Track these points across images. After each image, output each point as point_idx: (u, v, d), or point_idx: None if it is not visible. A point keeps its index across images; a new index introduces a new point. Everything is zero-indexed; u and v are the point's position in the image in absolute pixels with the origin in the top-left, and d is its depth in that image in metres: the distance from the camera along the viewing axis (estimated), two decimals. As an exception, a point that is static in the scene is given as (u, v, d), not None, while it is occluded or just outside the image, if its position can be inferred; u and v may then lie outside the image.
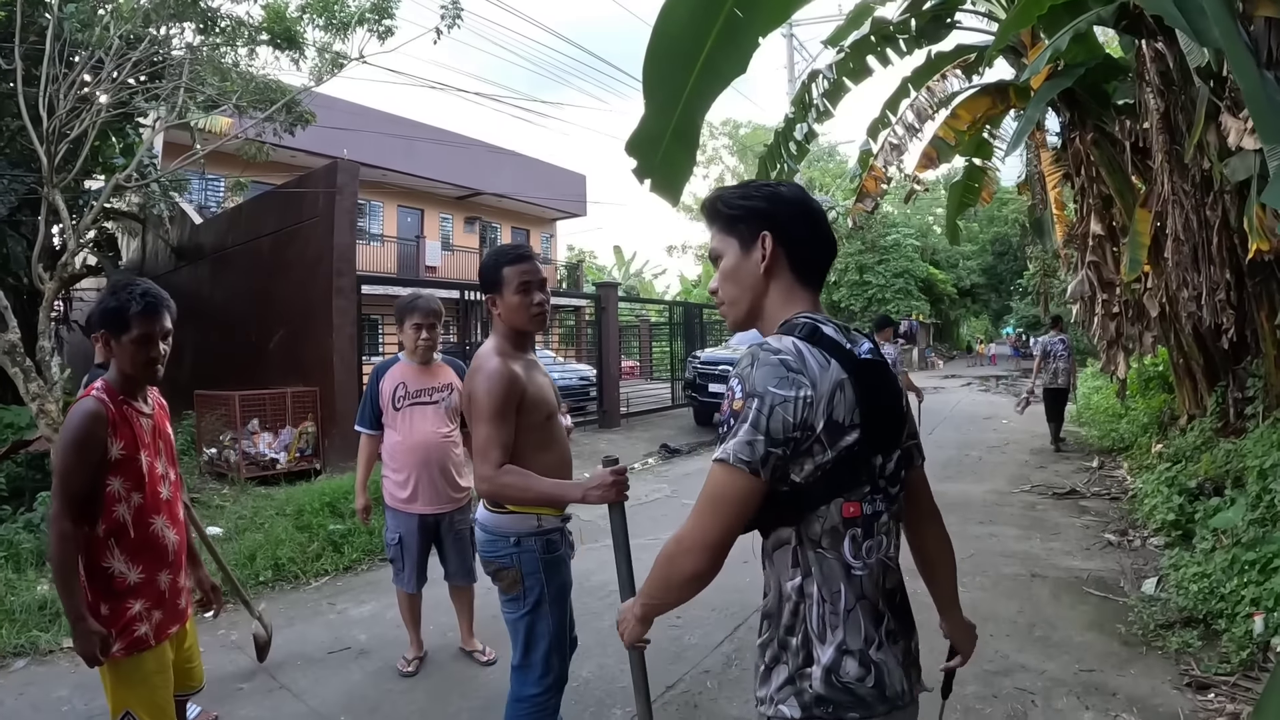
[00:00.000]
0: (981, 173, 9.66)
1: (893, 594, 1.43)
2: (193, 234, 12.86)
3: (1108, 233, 6.95)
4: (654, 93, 3.30)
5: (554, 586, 2.45)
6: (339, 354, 9.11)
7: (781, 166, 8.54)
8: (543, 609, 2.44)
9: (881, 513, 1.38)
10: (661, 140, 3.40)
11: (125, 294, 2.21)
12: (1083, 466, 8.78)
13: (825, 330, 1.37)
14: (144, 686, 2.22)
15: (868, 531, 1.36)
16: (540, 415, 2.43)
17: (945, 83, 8.35)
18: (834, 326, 1.40)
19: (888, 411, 1.38)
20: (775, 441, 1.28)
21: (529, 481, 2.26)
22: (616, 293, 14.55)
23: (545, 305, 2.47)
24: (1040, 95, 6.17)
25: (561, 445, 2.55)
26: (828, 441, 1.29)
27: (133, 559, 2.21)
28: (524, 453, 2.38)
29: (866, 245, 30.95)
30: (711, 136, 42.43)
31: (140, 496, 2.22)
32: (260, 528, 6.12)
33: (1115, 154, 6.55)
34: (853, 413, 1.30)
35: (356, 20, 9.22)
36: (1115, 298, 7.18)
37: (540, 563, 2.43)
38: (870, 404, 1.32)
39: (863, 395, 1.31)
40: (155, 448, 2.31)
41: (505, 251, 2.48)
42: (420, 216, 23.76)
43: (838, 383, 1.30)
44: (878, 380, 1.36)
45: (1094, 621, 4.19)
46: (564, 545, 2.53)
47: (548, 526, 2.44)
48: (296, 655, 4.15)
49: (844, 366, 1.32)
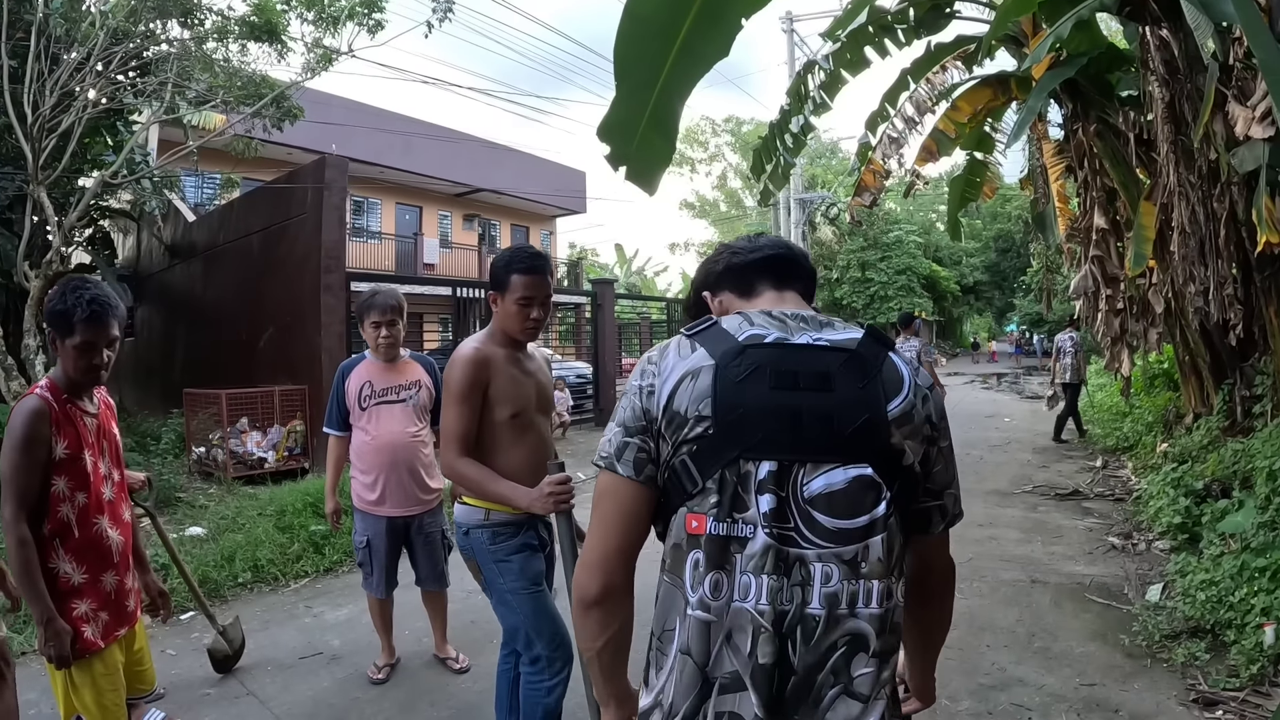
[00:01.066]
0: (983, 167, 9.48)
1: (767, 674, 1.05)
2: (186, 231, 12.76)
3: (1112, 227, 6.77)
4: (626, 76, 3.12)
5: (511, 575, 2.47)
6: (328, 352, 8.97)
7: (777, 160, 8.37)
8: (506, 598, 2.49)
9: (746, 538, 1.07)
10: (637, 127, 3.21)
11: (73, 298, 2.15)
12: (1086, 466, 8.60)
13: (723, 323, 1.19)
14: (92, 689, 2.21)
15: (716, 559, 1.08)
16: (507, 411, 2.46)
17: (945, 74, 8.17)
18: (764, 320, 1.18)
19: (752, 405, 1.09)
20: (629, 430, 1.15)
21: (483, 478, 2.37)
22: (613, 290, 14.40)
23: (540, 322, 2.52)
24: (1041, 86, 6.00)
25: (532, 446, 2.53)
26: (669, 435, 1.12)
27: (77, 560, 2.20)
28: (489, 447, 2.45)
29: (868, 242, 30.72)
30: (714, 134, 42.32)
31: (85, 496, 2.20)
32: (241, 528, 5.99)
33: (1119, 146, 6.38)
34: (700, 402, 1.10)
35: (346, 14, 9.09)
36: (1119, 293, 6.99)
37: (490, 553, 2.48)
38: (730, 393, 1.09)
39: (721, 386, 1.10)
40: (99, 448, 2.29)
41: (520, 259, 2.49)
42: (419, 214, 23.64)
43: (690, 371, 1.13)
44: (764, 371, 1.10)
45: (1097, 631, 4.00)
46: (523, 537, 2.51)
47: (496, 520, 2.47)
48: (268, 660, 4.05)
49: (715, 353, 1.12)
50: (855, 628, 1.07)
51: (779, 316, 1.19)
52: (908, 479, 1.13)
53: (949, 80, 8.16)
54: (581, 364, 14.10)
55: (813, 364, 1.12)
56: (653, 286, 39.22)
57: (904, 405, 1.12)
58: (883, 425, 1.10)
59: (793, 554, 1.06)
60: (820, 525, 1.07)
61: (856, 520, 1.08)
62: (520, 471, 2.40)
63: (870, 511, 1.08)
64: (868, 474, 1.08)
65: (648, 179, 3.36)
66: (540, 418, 2.59)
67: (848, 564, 1.07)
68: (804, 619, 1.06)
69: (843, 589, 1.06)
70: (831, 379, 1.11)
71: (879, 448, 1.09)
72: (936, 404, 1.18)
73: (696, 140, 42.33)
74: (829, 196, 27.48)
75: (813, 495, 1.07)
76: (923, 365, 10.25)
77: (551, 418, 2.77)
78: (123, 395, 14.96)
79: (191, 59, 8.46)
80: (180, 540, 5.59)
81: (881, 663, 1.08)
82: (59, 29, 6.88)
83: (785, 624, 1.05)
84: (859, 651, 1.07)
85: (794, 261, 1.34)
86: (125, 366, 15.28)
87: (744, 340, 1.13)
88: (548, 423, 2.66)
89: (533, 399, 2.54)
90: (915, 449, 1.12)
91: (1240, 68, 4.33)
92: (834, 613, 1.06)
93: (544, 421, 2.62)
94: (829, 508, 1.07)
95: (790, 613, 1.05)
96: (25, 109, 6.65)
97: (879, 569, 1.08)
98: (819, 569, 1.06)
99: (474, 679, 3.69)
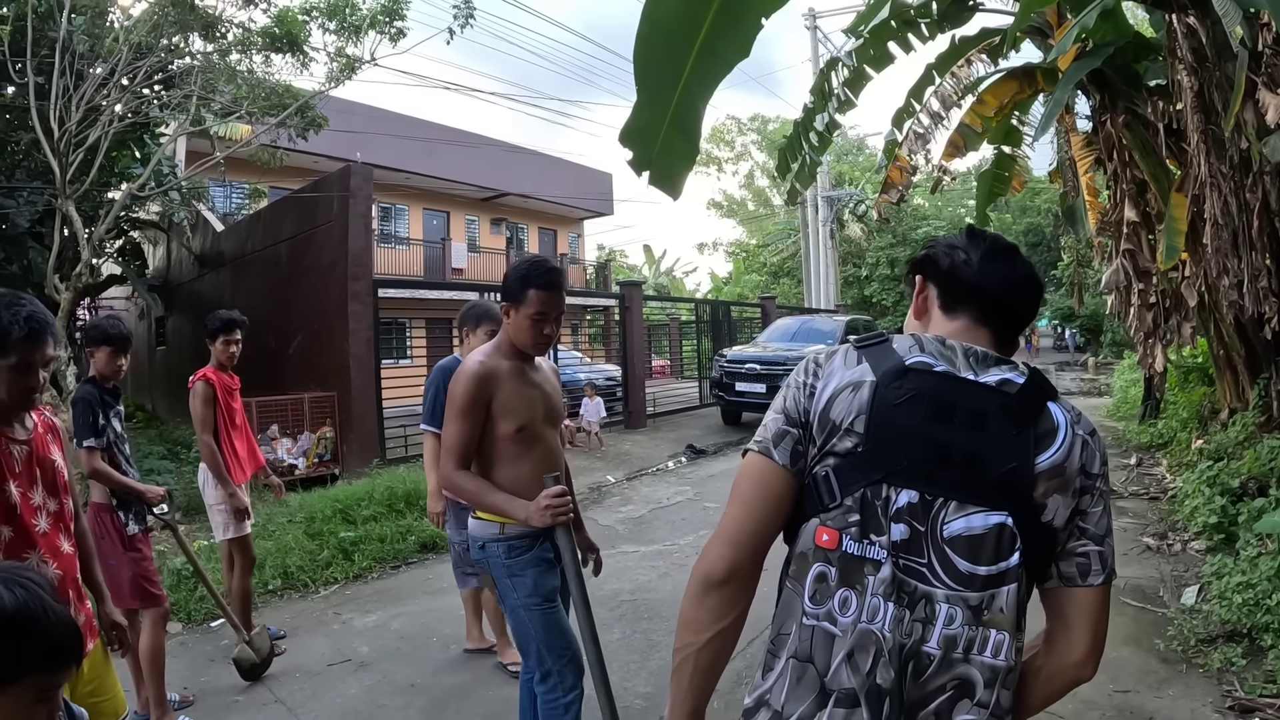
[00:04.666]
0: (1011, 161, 9.33)
1: (895, 692, 1.05)
2: (215, 241, 12.96)
3: (1143, 219, 6.63)
4: (646, 79, 3.12)
5: (525, 590, 2.45)
6: (355, 359, 9.06)
7: (803, 158, 8.29)
8: (519, 612, 2.48)
9: (878, 561, 1.07)
10: (659, 130, 3.21)
11: (9, 314, 1.96)
12: (1120, 464, 8.44)
13: (893, 342, 1.18)
14: None
15: (846, 577, 1.08)
16: (512, 425, 2.44)
17: (970, 68, 8.05)
18: (933, 347, 1.16)
19: (906, 430, 1.08)
20: (790, 420, 1.15)
21: (480, 490, 2.40)
22: (641, 291, 14.40)
23: (551, 338, 2.50)
24: (1068, 77, 5.90)
25: (539, 459, 2.50)
26: (818, 438, 1.12)
27: None
28: (491, 461, 2.45)
29: (897, 239, 30.41)
30: (740, 133, 42.11)
31: (9, 530, 2.01)
32: (271, 535, 6.05)
33: (1148, 136, 6.25)
34: (855, 417, 1.10)
35: (368, 23, 9.17)
36: (1151, 287, 6.85)
37: (505, 568, 2.46)
38: (886, 413, 1.09)
39: (878, 405, 1.09)
40: (29, 477, 2.10)
41: (536, 273, 2.45)
42: (446, 219, 23.79)
43: (852, 382, 1.13)
44: (923, 399, 1.09)
45: (1131, 635, 3.91)
46: (538, 551, 2.48)
47: (511, 534, 2.45)
48: (296, 667, 4.10)
49: (878, 370, 1.12)
50: (966, 674, 1.07)
51: (951, 347, 1.16)
52: (1044, 534, 1.10)
53: (974, 74, 8.04)
54: (611, 366, 14.09)
55: (971, 400, 1.10)
56: (682, 287, 39.16)
57: (1055, 458, 1.09)
58: (1028, 477, 1.08)
59: (920, 589, 1.07)
60: (954, 567, 1.07)
61: (991, 568, 1.07)
62: (527, 485, 2.39)
63: (1005, 560, 1.07)
64: (1008, 523, 1.07)
65: (671, 183, 3.35)
66: (548, 430, 2.56)
67: (973, 609, 1.06)
68: (919, 655, 1.06)
69: (962, 633, 1.06)
70: (987, 419, 1.09)
71: (1021, 498, 1.08)
72: (1096, 451, 1.14)
73: (723, 140, 42.17)
74: (857, 194, 27.22)
75: (952, 536, 1.07)
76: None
77: (561, 429, 2.72)
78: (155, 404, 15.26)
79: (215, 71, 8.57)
80: (212, 548, 5.66)
81: (985, 714, 1.07)
82: (82, 45, 7.00)
83: (903, 655, 1.05)
84: (964, 698, 1.06)
85: (1008, 308, 1.23)
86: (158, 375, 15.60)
87: (910, 364, 1.12)
88: (556, 435, 2.64)
89: (539, 412, 2.52)
90: (1064, 502, 1.10)
91: (1270, 54, 4.23)
92: (949, 655, 1.06)
93: (552, 434, 2.59)
94: (967, 551, 1.07)
95: (908, 646, 1.06)
96: (52, 124, 6.77)
97: (1002, 620, 1.07)
98: (944, 609, 1.06)
99: (501, 685, 3.70)
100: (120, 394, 3.71)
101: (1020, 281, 1.23)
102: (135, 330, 16.87)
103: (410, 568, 5.86)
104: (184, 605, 4.92)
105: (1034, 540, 1.08)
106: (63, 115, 6.86)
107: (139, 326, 16.58)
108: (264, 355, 10.61)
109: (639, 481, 9.08)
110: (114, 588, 3.49)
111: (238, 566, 4.26)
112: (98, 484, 3.44)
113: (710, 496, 7.77)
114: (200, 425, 4.14)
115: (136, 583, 3.44)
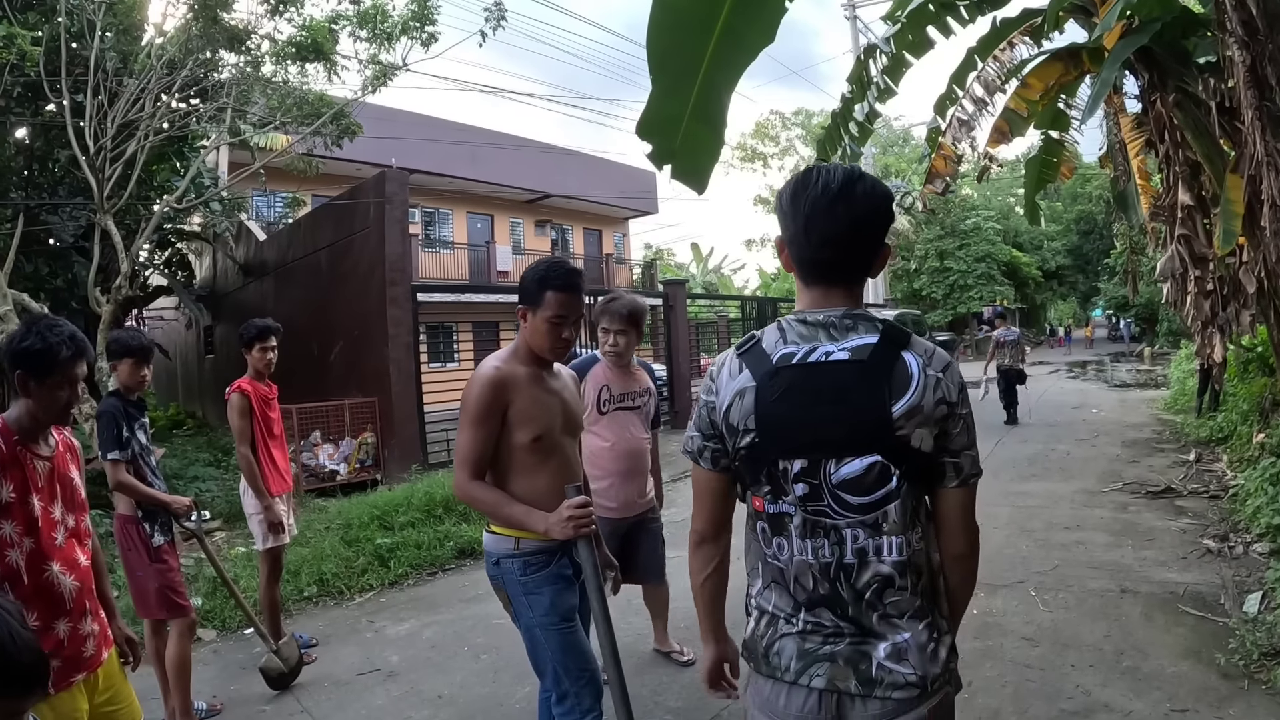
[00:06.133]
0: (1059, 146, 9.00)
1: (832, 595, 1.43)
2: (258, 251, 13.18)
3: (1197, 203, 6.31)
4: (664, 68, 2.95)
5: (541, 609, 2.36)
6: (395, 364, 9.11)
7: (843, 149, 8.09)
8: (535, 632, 2.39)
9: (789, 515, 1.43)
10: (680, 121, 3.05)
11: (54, 335, 2.12)
12: (1178, 460, 8.08)
13: (762, 341, 1.48)
14: None
15: (775, 529, 1.46)
16: (529, 434, 2.34)
17: (1013, 51, 7.77)
18: (797, 331, 1.45)
19: (782, 423, 1.41)
20: (705, 435, 1.53)
21: (498, 501, 2.30)
22: (685, 290, 14.26)
23: (570, 343, 2.42)
24: (1114, 56, 5.62)
25: (557, 470, 2.40)
26: (729, 439, 1.48)
27: (27, 607, 2.08)
28: (510, 471, 2.36)
29: (945, 230, 29.75)
30: (784, 127, 41.65)
31: (33, 542, 2.12)
32: (308, 542, 6.09)
33: (1200, 116, 5.94)
34: (747, 418, 1.44)
35: (400, 29, 9.21)
36: (1209, 274, 6.51)
37: (520, 585, 2.37)
38: (764, 413, 1.42)
39: (760, 403, 1.42)
40: (51, 492, 2.21)
41: (555, 275, 2.37)
42: (490, 222, 23.93)
43: (739, 391, 1.45)
44: (790, 388, 1.41)
45: (1190, 648, 3.66)
46: (556, 567, 2.38)
47: (527, 549, 2.35)
48: (325, 676, 4.10)
49: (756, 375, 1.44)
50: (880, 569, 1.40)
51: (813, 324, 1.45)
52: (917, 456, 1.39)
53: (1017, 57, 7.76)
54: (657, 366, 14.00)
55: (832, 379, 1.40)
56: (730, 284, 38.91)
57: (911, 400, 1.37)
58: (887, 423, 1.37)
59: (828, 523, 1.41)
60: (846, 502, 1.40)
61: (874, 495, 1.39)
62: (544, 497, 2.28)
63: (884, 487, 1.39)
64: (879, 461, 1.38)
65: (696, 177, 3.19)
66: (567, 439, 2.46)
67: (870, 526, 1.40)
68: (844, 567, 1.41)
69: (869, 544, 1.40)
70: (848, 391, 1.39)
71: (886, 439, 1.37)
72: (951, 384, 1.41)
73: (768, 135, 41.80)
74: (903, 185, 26.64)
75: (840, 481, 1.39)
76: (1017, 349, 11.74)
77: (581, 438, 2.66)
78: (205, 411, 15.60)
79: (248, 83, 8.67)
80: (249, 555, 5.71)
81: (910, 593, 1.41)
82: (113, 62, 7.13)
83: (831, 570, 1.41)
84: (887, 586, 1.40)
85: (834, 266, 1.47)
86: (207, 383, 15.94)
87: (777, 362, 1.42)
88: (575, 444, 2.54)
89: (558, 420, 2.41)
90: (927, 431, 1.39)
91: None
92: (864, 560, 1.40)
93: (570, 444, 2.49)
94: (853, 489, 1.39)
95: (833, 564, 1.41)
96: (87, 140, 6.91)
97: (894, 527, 1.40)
98: (849, 533, 1.40)
99: (529, 699, 3.63)
100: (145, 405, 3.72)
101: (831, 233, 1.44)
102: (183, 340, 17.31)
103: (447, 574, 5.83)
104: (219, 612, 4.96)
105: (909, 464, 1.39)
106: (98, 131, 6.99)
107: (187, 336, 16.97)
108: (307, 361, 10.76)
109: (684, 483, 8.95)
110: (140, 598, 3.53)
111: (264, 576, 4.26)
112: (123, 496, 3.45)
113: (747, 501, 7.60)
114: (238, 437, 4.15)
115: (163, 594, 3.46)
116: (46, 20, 7.29)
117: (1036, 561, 5.09)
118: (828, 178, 1.43)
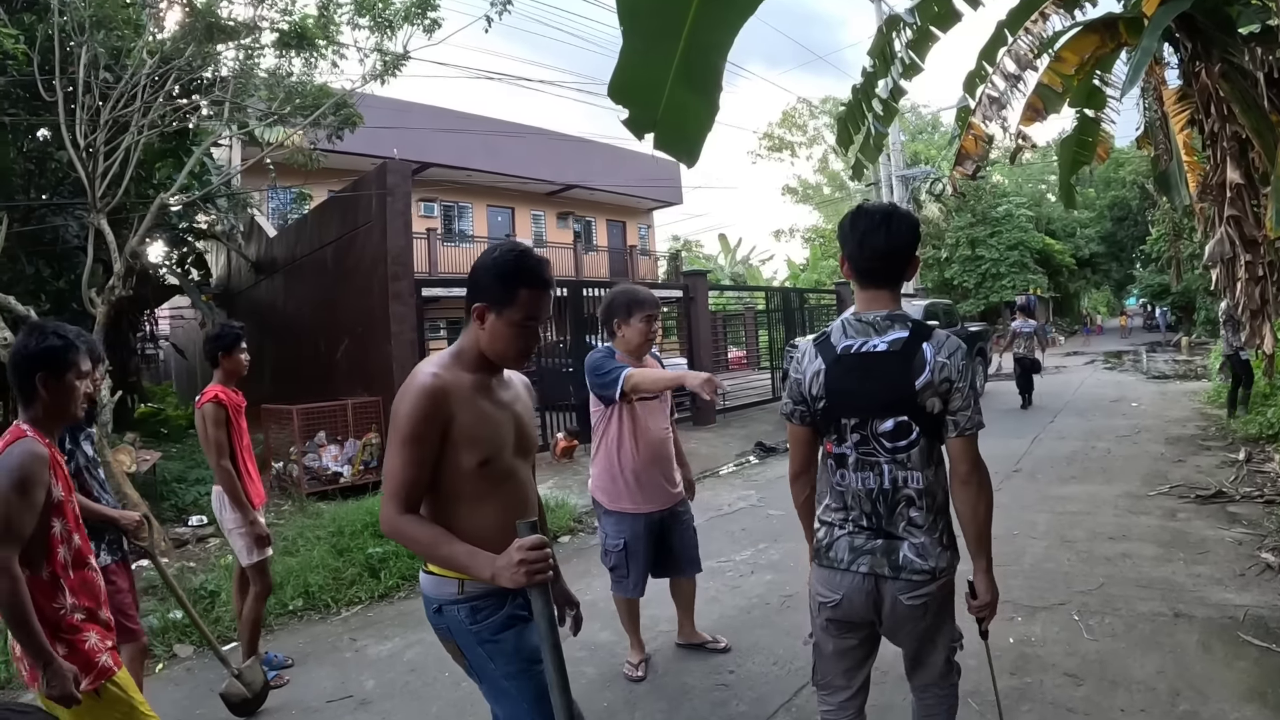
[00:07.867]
0: (1095, 125, 8.45)
1: (874, 510, 2.07)
2: (268, 248, 12.99)
3: (1247, 181, 5.81)
4: (635, 24, 2.48)
5: (503, 659, 1.96)
6: (398, 362, 8.79)
7: (866, 129, 7.61)
8: (501, 684, 1.98)
9: (848, 455, 2.09)
10: (662, 85, 2.56)
11: (68, 333, 2.27)
12: (1227, 459, 7.54)
13: (831, 336, 2.15)
14: (124, 705, 2.27)
15: (839, 464, 2.11)
16: (474, 458, 1.92)
17: (1045, 23, 7.26)
18: (854, 328, 2.11)
19: (843, 392, 2.07)
20: (795, 400, 2.18)
21: (435, 540, 1.87)
22: (706, 281, 13.83)
23: (534, 348, 2.07)
24: (1154, 24, 5.16)
25: (506, 502, 1.99)
26: (810, 402, 2.13)
27: (78, 597, 2.25)
28: (453, 500, 1.95)
29: (977, 218, 28.91)
30: (812, 116, 40.87)
31: (78, 537, 2.28)
32: (296, 552, 5.80)
33: (1248, 88, 5.44)
34: (820, 389, 2.09)
35: (403, 17, 8.89)
36: (1259, 258, 6.00)
37: (473, 635, 1.97)
38: (832, 386, 2.08)
39: (829, 379, 2.08)
40: (70, 491, 2.33)
41: (528, 268, 1.97)
42: (511, 215, 23.69)
43: (815, 372, 2.11)
44: (849, 370, 2.07)
45: (1253, 687, 3.18)
46: (509, 609, 1.97)
47: (473, 592, 1.95)
48: (294, 702, 3.81)
49: (825, 360, 2.10)
50: (907, 493, 2.05)
51: (866, 322, 2.09)
52: (931, 417, 2.03)
53: (1050, 29, 7.25)
54: (679, 359, 13.61)
55: (876, 363, 2.05)
56: (758, 275, 38.37)
57: (926, 379, 2.00)
58: (910, 395, 2.01)
59: (873, 460, 2.06)
60: (885, 446, 2.04)
61: (902, 442, 2.03)
62: (492, 534, 1.88)
63: (909, 437, 2.03)
64: (905, 420, 2.02)
65: (685, 147, 2.73)
66: (520, 463, 2.07)
67: (899, 463, 2.04)
68: (883, 491, 2.06)
69: (900, 475, 2.04)
70: (886, 372, 2.03)
71: (910, 406, 2.01)
72: (953, 366, 2.02)
73: (795, 124, 41.11)
74: (932, 171, 25.86)
75: (880, 432, 2.04)
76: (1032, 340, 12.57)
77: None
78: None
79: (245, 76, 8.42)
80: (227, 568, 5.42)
81: (926, 511, 2.05)
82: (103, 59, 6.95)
83: (874, 493, 2.06)
84: (911, 505, 2.05)
85: (879, 273, 2.13)
86: (222, 382, 15.79)
87: (840, 352, 2.09)
88: (529, 468, 2.14)
89: (509, 440, 2.02)
90: (937, 399, 2.01)
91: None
92: (896, 486, 2.05)
93: (524, 468, 2.10)
94: (889, 438, 2.04)
95: (875, 489, 2.06)
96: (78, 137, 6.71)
97: (916, 464, 2.04)
98: (886, 468, 2.05)
99: None
100: (95, 417, 3.43)
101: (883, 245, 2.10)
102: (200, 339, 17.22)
103: (439, 585, 5.51)
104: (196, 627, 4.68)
105: (925, 421, 2.02)
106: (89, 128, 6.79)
107: (201, 335, 16.87)
108: (314, 360, 10.53)
109: (701, 485, 8.58)
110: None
111: (252, 592, 4.00)
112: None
113: (775, 503, 7.11)
114: (215, 450, 3.85)
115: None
116: (41, 19, 7.09)
117: (1079, 579, 4.60)
118: (873, 211, 2.11)
